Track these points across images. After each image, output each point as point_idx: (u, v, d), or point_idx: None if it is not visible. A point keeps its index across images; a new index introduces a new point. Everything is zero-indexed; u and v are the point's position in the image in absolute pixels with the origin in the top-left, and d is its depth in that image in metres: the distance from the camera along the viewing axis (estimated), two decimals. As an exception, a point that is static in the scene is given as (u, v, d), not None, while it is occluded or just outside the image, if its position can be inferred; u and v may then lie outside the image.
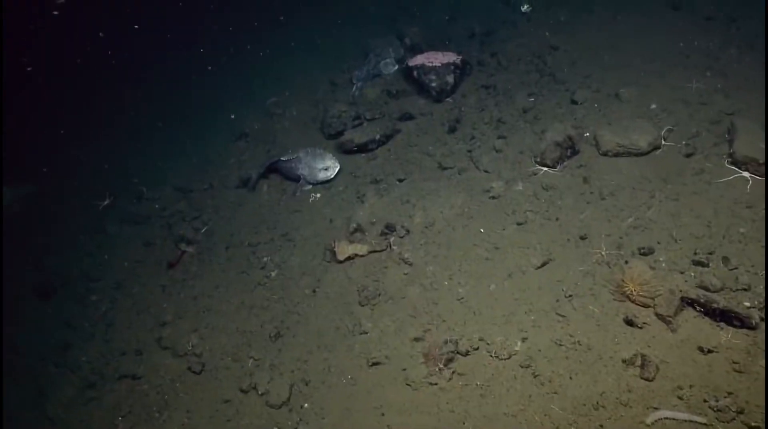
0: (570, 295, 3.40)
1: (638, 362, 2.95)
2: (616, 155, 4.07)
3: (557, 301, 3.42)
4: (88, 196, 5.63)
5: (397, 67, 5.90)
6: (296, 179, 4.96)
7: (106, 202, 5.47)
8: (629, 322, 3.14)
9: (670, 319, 3.02)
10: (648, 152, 3.99)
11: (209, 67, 6.80)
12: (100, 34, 6.86)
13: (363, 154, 5.07)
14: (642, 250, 3.45)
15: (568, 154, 4.20)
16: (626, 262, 3.40)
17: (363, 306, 3.84)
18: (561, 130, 4.18)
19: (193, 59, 7.20)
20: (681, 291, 3.04)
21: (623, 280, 3.24)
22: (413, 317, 3.66)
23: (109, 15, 6.95)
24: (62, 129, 6.39)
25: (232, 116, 6.09)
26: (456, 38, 6.09)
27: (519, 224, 3.94)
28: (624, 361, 3.00)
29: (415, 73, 5.37)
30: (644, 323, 3.12)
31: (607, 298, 3.32)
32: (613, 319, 3.21)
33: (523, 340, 3.31)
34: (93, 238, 5.18)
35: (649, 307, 3.14)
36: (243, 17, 7.59)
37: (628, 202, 3.79)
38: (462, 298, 3.65)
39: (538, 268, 3.64)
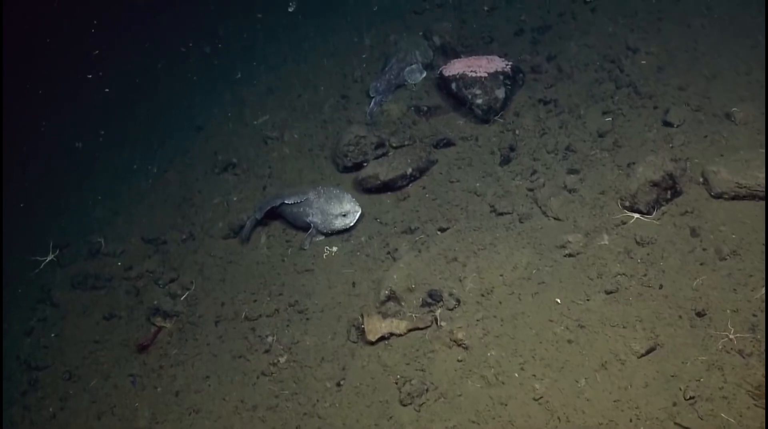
0: (692, 398, 3.17)
1: (800, 498, 2.72)
2: (735, 198, 3.88)
3: (674, 404, 3.19)
4: (24, 249, 5.45)
5: (425, 74, 5.76)
6: (305, 227, 4.78)
7: (49, 258, 5.31)
8: (782, 440, 2.92)
9: (840, 436, 2.80)
10: (779, 195, 3.80)
11: (187, 75, 6.66)
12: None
13: (389, 193, 4.91)
14: (786, 334, 3.24)
15: (668, 196, 4.01)
16: None
17: (405, 406, 3.61)
18: (657, 164, 3.99)
19: (159, 63, 7.08)
20: None
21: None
22: (475, 423, 3.43)
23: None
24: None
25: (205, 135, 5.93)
26: (500, 36, 5.96)
27: (609, 293, 3.74)
28: (780, 497, 2.77)
29: (453, 85, 5.20)
30: (803, 441, 2.89)
31: (745, 403, 3.08)
32: (757, 434, 2.99)
33: (632, 459, 3.08)
34: (34, 309, 4.98)
35: (806, 417, 2.92)
36: (221, 7, 7.48)
37: (759, 263, 3.58)
38: (540, 397, 3.43)
39: (642, 356, 3.41)
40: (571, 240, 4.03)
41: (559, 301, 3.79)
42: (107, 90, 6.95)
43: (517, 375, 3.55)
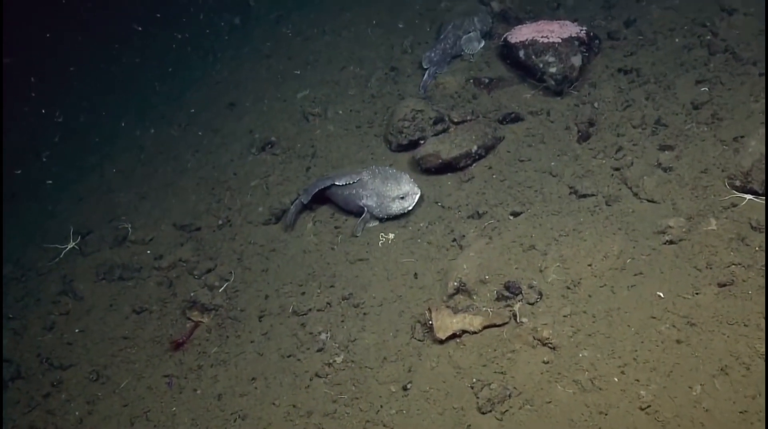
0: (838, 408, 2.83)
1: None
2: None
3: (816, 416, 2.85)
4: (42, 237, 5.29)
5: (483, 43, 5.43)
6: (357, 212, 4.51)
7: (70, 246, 5.12)
8: None
9: None
10: None
11: (215, 48, 6.42)
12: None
13: (449, 173, 4.62)
14: None
15: (786, 174, 3.65)
16: None
17: (485, 414, 3.32)
18: (774, 138, 3.63)
19: (184, 35, 6.86)
20: None
21: None
22: (570, 435, 3.14)
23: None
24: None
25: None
26: (567, 0, 5.60)
27: (722, 286, 3.38)
28: None
29: (521, 53, 4.85)
30: None
31: None
32: None
33: (766, 481, 2.75)
34: (55, 302, 4.79)
35: None
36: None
37: None
38: (647, 405, 3.10)
39: (771, 359, 3.08)
40: (671, 225, 3.68)
41: (661, 294, 3.46)
42: (138, 60, 6.72)
43: (616, 380, 3.23)
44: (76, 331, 4.51)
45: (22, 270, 5.10)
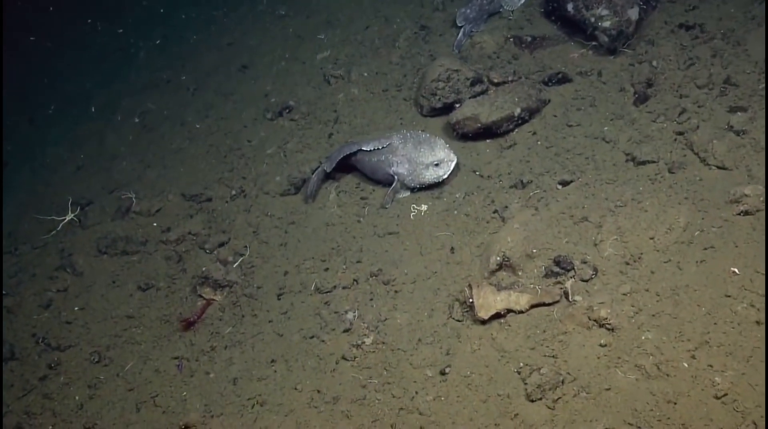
0: None
1: None
2: None
3: None
4: (37, 207, 5.29)
5: (524, -1, 5.29)
6: (386, 181, 4.42)
7: (69, 218, 5.09)
8: None
9: None
10: None
11: (225, 7, 6.33)
12: None
13: (488, 140, 4.50)
14: None
15: None
16: None
17: (534, 401, 3.20)
18: None
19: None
20: None
21: None
22: (634, 426, 2.98)
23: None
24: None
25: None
26: (617, -48, 5.44)
27: (806, 262, 3.23)
28: None
29: (569, 6, 4.69)
30: None
31: None
32: None
33: None
34: (52, 277, 4.77)
35: None
36: None
37: None
38: (723, 394, 2.95)
39: None
40: (747, 193, 3.51)
41: (736, 270, 3.30)
42: (120, 30, 6.69)
43: (686, 365, 3.08)
44: (76, 309, 4.49)
45: (15, 243, 5.10)
